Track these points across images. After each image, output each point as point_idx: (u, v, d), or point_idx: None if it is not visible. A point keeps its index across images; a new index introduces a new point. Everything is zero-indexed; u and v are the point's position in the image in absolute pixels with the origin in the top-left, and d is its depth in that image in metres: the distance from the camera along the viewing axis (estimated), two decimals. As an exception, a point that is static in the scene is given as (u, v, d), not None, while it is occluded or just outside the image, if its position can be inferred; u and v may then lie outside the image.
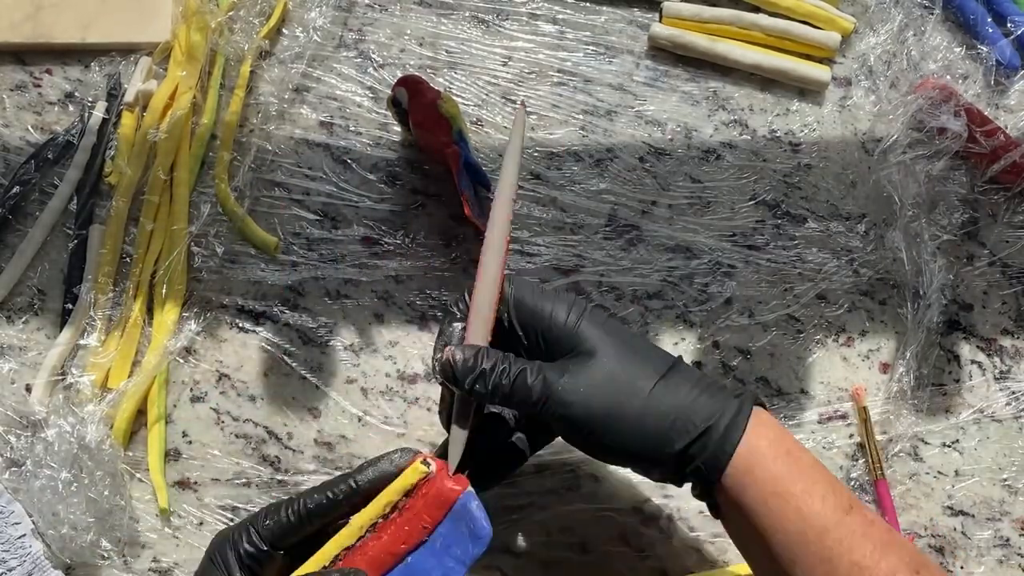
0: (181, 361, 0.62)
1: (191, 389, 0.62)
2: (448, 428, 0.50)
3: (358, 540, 0.48)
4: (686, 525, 0.60)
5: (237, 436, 0.61)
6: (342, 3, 0.68)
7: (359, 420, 0.61)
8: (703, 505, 0.49)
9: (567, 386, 0.47)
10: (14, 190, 0.63)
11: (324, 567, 0.47)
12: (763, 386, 0.63)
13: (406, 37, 0.68)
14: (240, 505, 0.60)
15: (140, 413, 0.60)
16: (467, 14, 0.69)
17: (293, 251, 0.64)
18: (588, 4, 0.70)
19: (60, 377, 0.60)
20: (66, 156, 0.65)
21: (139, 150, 0.64)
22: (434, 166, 0.65)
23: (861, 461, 0.62)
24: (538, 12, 0.69)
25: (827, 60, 0.69)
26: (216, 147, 0.65)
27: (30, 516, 0.57)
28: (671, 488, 0.60)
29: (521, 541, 0.60)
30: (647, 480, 0.60)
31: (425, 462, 0.48)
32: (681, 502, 0.60)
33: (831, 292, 0.65)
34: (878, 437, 0.62)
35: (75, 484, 0.55)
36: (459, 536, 0.49)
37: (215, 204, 0.64)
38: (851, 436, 0.62)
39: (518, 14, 0.69)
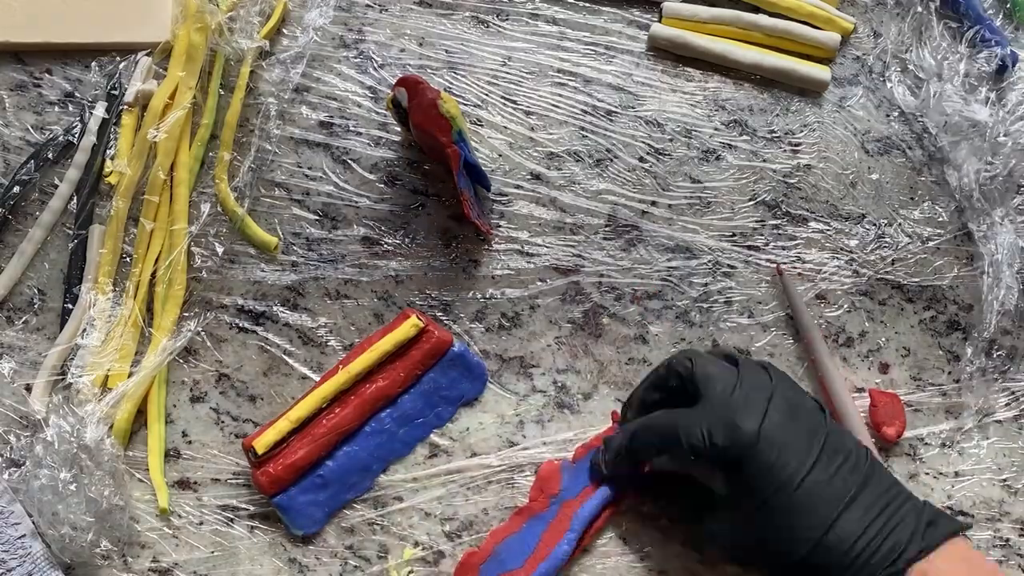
0: (181, 361, 0.62)
1: (191, 389, 0.62)
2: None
3: (354, 384, 0.59)
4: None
5: (237, 436, 0.61)
6: (342, 3, 0.68)
7: (359, 420, 0.61)
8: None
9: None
10: (14, 190, 0.63)
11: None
12: (763, 386, 0.63)
13: (406, 37, 0.68)
14: (240, 505, 0.60)
15: (140, 413, 0.60)
16: (467, 14, 0.69)
17: (293, 251, 0.64)
18: (588, 4, 0.69)
19: (60, 377, 0.60)
20: (66, 156, 0.64)
21: (139, 150, 0.64)
22: (434, 166, 0.65)
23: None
24: (538, 12, 0.69)
25: (827, 60, 0.69)
26: (216, 147, 0.65)
27: (30, 516, 0.57)
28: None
29: (521, 541, 0.60)
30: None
31: (417, 319, 0.59)
32: (681, 502, 0.60)
33: (831, 292, 0.65)
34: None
35: (75, 484, 0.55)
36: (451, 380, 0.60)
37: (215, 204, 0.64)
38: (851, 436, 0.62)
39: (518, 14, 0.69)
